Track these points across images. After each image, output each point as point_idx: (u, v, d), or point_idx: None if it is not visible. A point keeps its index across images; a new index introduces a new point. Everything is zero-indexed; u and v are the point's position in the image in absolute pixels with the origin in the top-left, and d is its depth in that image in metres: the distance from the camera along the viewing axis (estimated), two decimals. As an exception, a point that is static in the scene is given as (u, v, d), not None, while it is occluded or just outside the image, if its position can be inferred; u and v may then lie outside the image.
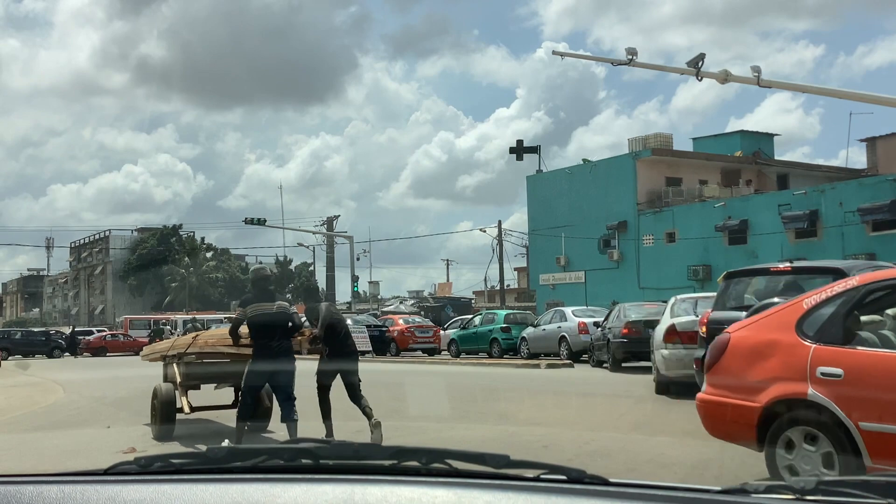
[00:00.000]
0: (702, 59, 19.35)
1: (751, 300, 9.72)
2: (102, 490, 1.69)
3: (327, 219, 59.66)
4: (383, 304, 59.51)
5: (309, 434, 1.82)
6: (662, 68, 24.00)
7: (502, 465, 1.73)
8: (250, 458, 1.85)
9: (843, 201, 34.08)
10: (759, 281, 10.28)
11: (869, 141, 45.77)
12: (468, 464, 1.74)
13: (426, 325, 32.14)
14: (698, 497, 1.60)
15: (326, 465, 1.81)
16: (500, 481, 1.67)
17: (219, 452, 1.86)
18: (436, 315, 39.68)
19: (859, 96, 20.51)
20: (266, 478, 1.74)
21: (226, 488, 1.67)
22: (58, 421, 12.21)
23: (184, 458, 1.87)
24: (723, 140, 48.33)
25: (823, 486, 1.59)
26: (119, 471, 1.84)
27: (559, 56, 23.32)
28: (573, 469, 1.71)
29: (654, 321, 15.28)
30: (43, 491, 1.67)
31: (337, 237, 56.27)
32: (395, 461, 1.80)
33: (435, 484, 1.67)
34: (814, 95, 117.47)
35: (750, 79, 19.12)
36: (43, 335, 48.81)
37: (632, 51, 19.76)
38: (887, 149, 43.51)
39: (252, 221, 45.62)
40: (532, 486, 1.65)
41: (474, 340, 28.84)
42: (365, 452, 1.84)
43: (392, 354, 29.66)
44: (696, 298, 14.53)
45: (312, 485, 1.68)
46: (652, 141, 44.85)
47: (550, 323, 25.40)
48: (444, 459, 1.77)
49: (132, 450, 7.42)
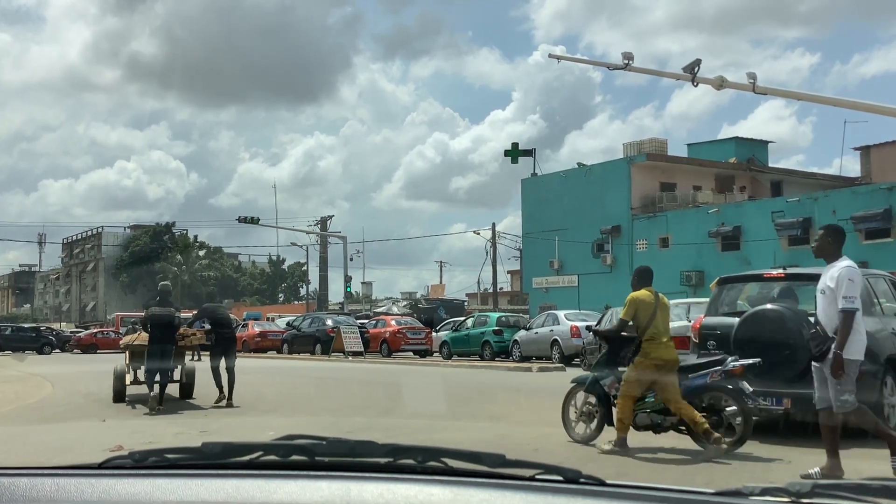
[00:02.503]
0: (698, 64, 19.33)
1: (743, 306, 9.74)
2: (97, 484, 1.68)
3: (321, 219, 59.60)
4: (376, 304, 59.46)
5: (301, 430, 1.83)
6: (658, 73, 24.03)
7: (498, 465, 1.72)
8: (246, 453, 1.84)
9: (836, 209, 34.14)
10: (752, 287, 10.29)
11: (863, 149, 45.87)
12: (464, 462, 1.73)
13: (418, 326, 32.11)
14: (693, 499, 1.59)
15: (322, 461, 1.80)
16: (496, 480, 1.66)
17: (214, 448, 1.84)
18: (428, 317, 39.58)
19: (854, 104, 20.55)
20: (261, 474, 1.73)
21: (221, 483, 1.66)
22: (46, 416, 12.14)
23: (179, 452, 1.86)
24: (717, 146, 48.45)
25: (819, 488, 1.58)
26: (113, 465, 1.83)
27: (555, 59, 23.29)
28: (569, 469, 1.71)
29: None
30: (37, 484, 1.67)
31: (330, 237, 56.17)
32: (391, 459, 1.79)
33: (431, 482, 1.66)
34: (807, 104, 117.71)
35: (745, 85, 19.12)
36: (33, 331, 48.64)
37: (628, 55, 19.74)
38: (881, 157, 43.62)
39: (246, 220, 45.52)
40: (528, 485, 1.64)
41: (466, 343, 28.81)
42: (361, 450, 1.83)
43: (384, 355, 29.65)
44: (689, 304, 14.57)
45: (308, 481, 1.67)
46: (647, 146, 44.93)
47: (543, 326, 25.42)
48: (440, 458, 1.76)
49: (119, 447, 7.36)
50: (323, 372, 22.01)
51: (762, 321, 8.71)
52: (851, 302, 6.55)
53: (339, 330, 29.59)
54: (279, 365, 27.36)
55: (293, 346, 32.71)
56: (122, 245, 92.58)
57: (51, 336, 48.12)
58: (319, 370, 22.86)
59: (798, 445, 8.20)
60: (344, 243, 49.65)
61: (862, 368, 8.31)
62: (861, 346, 6.71)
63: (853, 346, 6.62)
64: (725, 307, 9.74)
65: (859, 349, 6.70)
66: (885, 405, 8.39)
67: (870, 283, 9.34)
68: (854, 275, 6.68)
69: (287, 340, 33.44)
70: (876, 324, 8.70)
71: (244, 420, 11.46)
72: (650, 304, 8.15)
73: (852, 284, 6.60)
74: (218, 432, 9.41)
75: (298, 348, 32.23)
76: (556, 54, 22.63)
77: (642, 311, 8.13)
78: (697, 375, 8.07)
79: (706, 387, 8.00)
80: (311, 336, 31.86)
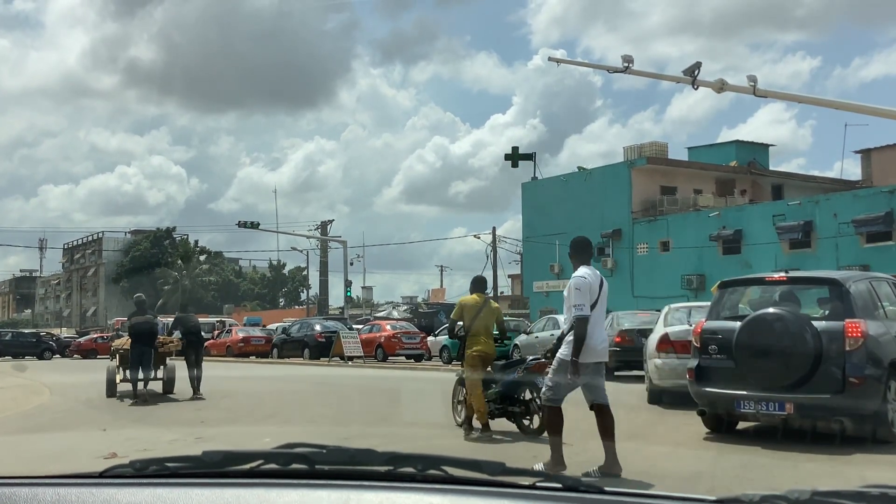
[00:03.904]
0: (698, 67, 19.25)
1: (745, 310, 9.61)
2: (98, 493, 1.68)
3: (321, 223, 59.50)
4: (376, 309, 59.33)
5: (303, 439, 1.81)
6: (659, 76, 23.95)
7: (498, 473, 1.72)
8: (246, 462, 1.84)
9: (837, 212, 34.05)
10: (754, 291, 10.16)
11: (864, 153, 45.76)
12: (464, 471, 1.73)
13: (412, 331, 32.15)
14: None
15: (322, 470, 1.80)
16: (496, 488, 1.67)
17: (214, 456, 1.84)
18: (429, 321, 39.42)
19: (856, 107, 20.45)
20: (261, 482, 1.73)
21: (221, 492, 1.67)
22: (41, 424, 12.05)
23: (179, 461, 1.86)
24: (718, 150, 48.32)
25: (819, 496, 1.59)
26: (114, 474, 1.83)
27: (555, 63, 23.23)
28: (569, 477, 1.70)
29: (648, 330, 15.16)
30: (38, 493, 1.67)
31: (331, 242, 56.04)
32: (390, 467, 1.79)
33: (431, 490, 1.66)
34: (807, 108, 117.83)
35: (746, 88, 19.03)
36: (33, 336, 48.55)
37: (628, 58, 19.65)
38: (882, 160, 43.51)
39: (245, 225, 45.42)
40: (528, 493, 1.64)
41: (466, 347, 28.63)
42: (361, 458, 1.84)
43: (379, 360, 29.65)
44: (690, 307, 14.42)
45: (308, 490, 1.68)
46: (647, 149, 44.81)
47: (543, 330, 25.26)
48: (439, 466, 1.77)
49: (113, 455, 7.27)
50: (319, 377, 21.92)
51: (764, 325, 8.59)
52: (580, 309, 7.01)
53: (338, 335, 29.72)
54: (277, 371, 27.38)
55: (283, 350, 33.65)
56: (123, 250, 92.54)
57: (51, 342, 48.05)
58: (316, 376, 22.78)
59: (799, 448, 8.10)
60: (344, 248, 49.52)
61: (865, 373, 8.21)
62: (589, 351, 7.04)
63: (570, 347, 7.04)
64: (727, 311, 9.61)
65: (588, 353, 7.04)
66: (889, 410, 8.26)
67: (873, 287, 9.23)
68: (580, 283, 7.13)
69: (277, 345, 34.43)
70: (879, 328, 8.59)
71: (241, 428, 11.38)
72: (474, 307, 9.57)
73: (579, 293, 7.08)
74: (214, 440, 9.32)
75: (287, 353, 33.11)
76: (556, 57, 22.55)
77: (467, 312, 9.57)
78: (508, 372, 9.54)
79: (515, 381, 9.40)
80: (300, 341, 32.82)
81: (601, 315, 7.42)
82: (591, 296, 7.13)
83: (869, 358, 8.19)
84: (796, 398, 8.23)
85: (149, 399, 14.29)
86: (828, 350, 8.21)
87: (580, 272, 7.29)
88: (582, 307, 7.00)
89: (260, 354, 34.89)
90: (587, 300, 7.06)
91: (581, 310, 6.99)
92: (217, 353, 34.67)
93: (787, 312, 8.61)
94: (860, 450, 7.72)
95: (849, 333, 8.19)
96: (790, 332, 8.34)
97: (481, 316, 9.51)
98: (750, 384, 8.52)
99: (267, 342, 35.62)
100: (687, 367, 9.52)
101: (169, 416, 12.47)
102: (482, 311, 9.54)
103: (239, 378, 21.29)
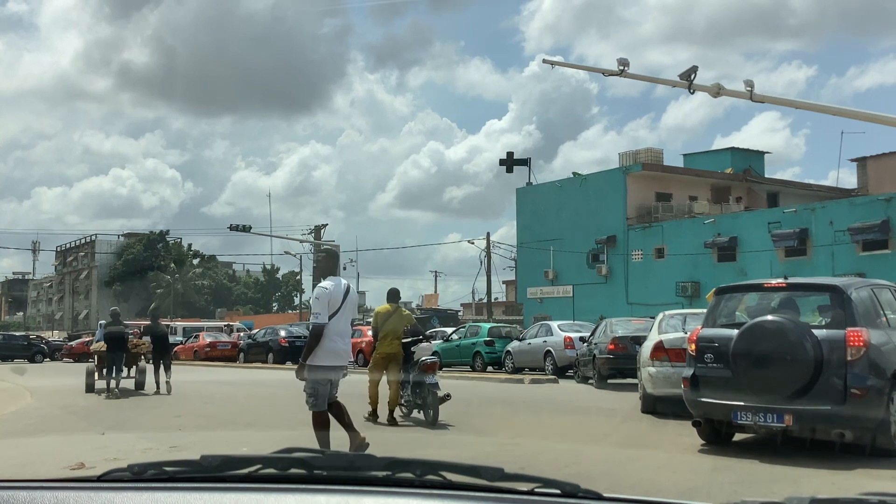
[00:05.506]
0: (694, 71, 18.97)
1: (742, 317, 9.31)
2: (96, 496, 1.69)
3: (315, 227, 59.20)
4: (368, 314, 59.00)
5: (300, 444, 1.68)
6: (655, 80, 23.63)
7: (496, 479, 1.72)
8: (244, 467, 1.84)
9: (833, 220, 33.89)
10: (751, 297, 9.84)
11: (860, 161, 45.65)
12: (463, 476, 1.73)
13: None
14: None
15: (320, 475, 1.81)
16: (495, 494, 1.67)
17: (212, 461, 1.84)
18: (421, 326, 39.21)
19: (853, 113, 20.20)
20: (260, 487, 1.74)
21: (219, 497, 1.67)
22: (16, 429, 11.70)
23: (177, 465, 1.86)
24: (713, 157, 48.19)
25: (816, 503, 1.59)
26: (112, 477, 1.83)
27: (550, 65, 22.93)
28: (567, 483, 1.70)
29: (642, 337, 14.92)
30: (36, 497, 1.68)
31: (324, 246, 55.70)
32: (389, 472, 1.79)
33: (429, 496, 1.67)
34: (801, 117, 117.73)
35: (742, 93, 18.76)
36: (24, 339, 48.22)
37: (623, 62, 19.37)
38: (878, 168, 43.38)
39: (237, 228, 45.03)
40: (526, 499, 1.65)
41: (457, 353, 28.37)
42: (359, 463, 1.85)
43: (359, 365, 29.36)
44: (685, 315, 14.19)
45: (306, 495, 1.69)
46: (643, 156, 44.61)
47: (536, 337, 24.98)
48: (438, 471, 1.76)
49: (81, 465, 6.94)
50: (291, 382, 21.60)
51: (762, 333, 8.28)
52: (316, 317, 7.56)
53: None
54: (246, 375, 27.49)
55: (248, 354, 34.77)
56: (116, 253, 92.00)
57: (42, 345, 47.69)
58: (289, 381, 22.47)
59: (798, 460, 7.81)
60: (338, 252, 49.24)
61: (868, 384, 7.94)
62: (326, 354, 7.53)
63: (318, 354, 7.51)
64: (723, 318, 9.30)
65: (324, 356, 7.54)
66: (892, 422, 7.96)
67: (875, 294, 8.92)
68: (320, 293, 7.67)
69: (243, 349, 35.66)
70: (881, 336, 8.28)
71: (215, 434, 11.12)
72: (385, 314, 11.35)
73: (317, 301, 7.64)
74: (189, 448, 8.97)
75: (252, 357, 34.10)
76: (551, 60, 22.24)
77: (379, 319, 11.42)
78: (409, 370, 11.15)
79: (415, 379, 11.06)
80: (265, 345, 33.70)
81: (345, 321, 7.84)
82: (332, 306, 7.57)
83: (871, 368, 7.89)
84: (795, 409, 7.92)
85: (120, 395, 16.11)
86: (828, 359, 7.91)
87: (323, 283, 7.87)
88: (318, 315, 7.53)
89: (226, 359, 35.95)
90: (325, 309, 7.52)
91: (317, 318, 7.53)
92: (185, 357, 36.77)
93: (787, 320, 8.31)
94: (862, 463, 7.43)
95: (850, 342, 7.90)
96: (789, 341, 8.03)
97: (390, 322, 11.23)
98: (747, 394, 8.20)
99: (233, 347, 37.11)
100: (682, 375, 9.21)
101: (148, 422, 12.19)
102: (391, 317, 11.28)
103: (212, 382, 21.51)
